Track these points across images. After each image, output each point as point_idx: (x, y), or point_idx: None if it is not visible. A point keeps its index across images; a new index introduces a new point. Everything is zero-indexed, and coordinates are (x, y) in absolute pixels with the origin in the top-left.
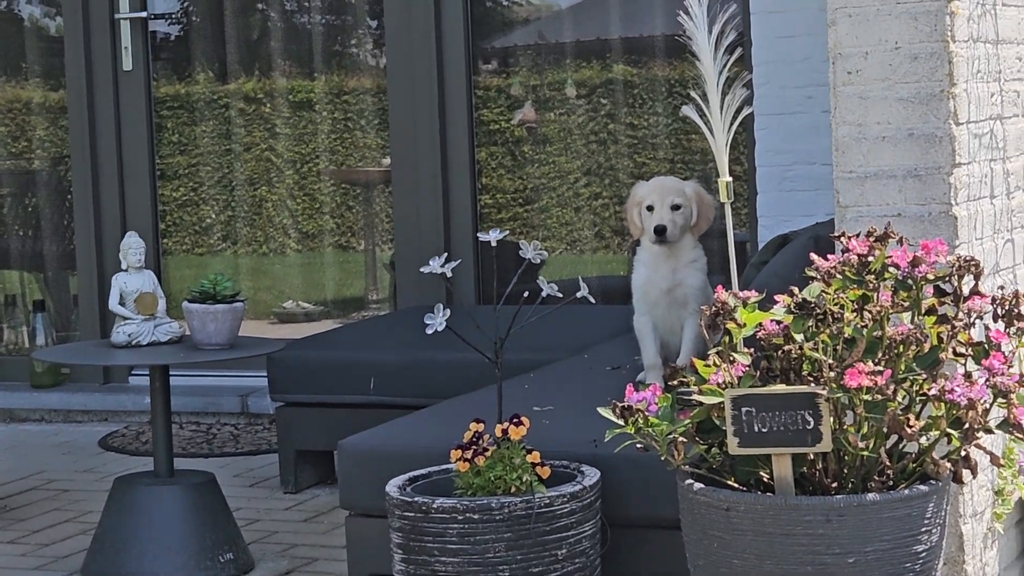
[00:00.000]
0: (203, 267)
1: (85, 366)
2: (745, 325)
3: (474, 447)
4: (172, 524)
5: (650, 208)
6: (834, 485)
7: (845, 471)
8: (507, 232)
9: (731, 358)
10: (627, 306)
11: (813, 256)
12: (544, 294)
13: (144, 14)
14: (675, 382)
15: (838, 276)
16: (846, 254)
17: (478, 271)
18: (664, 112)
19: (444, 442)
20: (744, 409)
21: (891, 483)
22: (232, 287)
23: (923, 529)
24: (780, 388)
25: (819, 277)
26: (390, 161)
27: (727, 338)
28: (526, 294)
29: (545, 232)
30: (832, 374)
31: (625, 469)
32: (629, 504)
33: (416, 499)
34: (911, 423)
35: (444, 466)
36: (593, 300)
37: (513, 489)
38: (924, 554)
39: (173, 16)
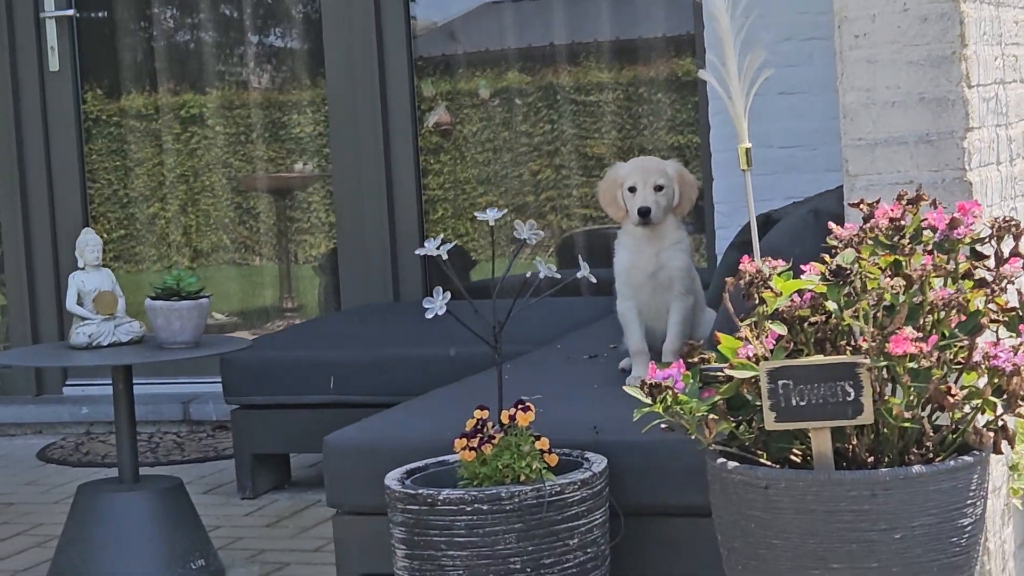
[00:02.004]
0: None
1: (45, 369)
2: (782, 294)
3: (480, 435)
4: (141, 531)
5: (632, 189)
6: (870, 459)
7: (882, 444)
8: (505, 211)
9: (765, 329)
10: (588, 298)
11: (832, 225)
12: (542, 275)
13: (71, 12)
14: (695, 359)
15: (868, 242)
16: (872, 220)
17: (425, 268)
18: (562, 119)
19: (435, 434)
20: (781, 382)
21: (930, 455)
22: (196, 283)
23: (968, 501)
24: (819, 359)
25: (841, 245)
26: (326, 165)
27: (762, 308)
28: (528, 275)
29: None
30: (874, 343)
31: (629, 456)
32: (635, 491)
33: (420, 491)
34: (952, 392)
35: (440, 458)
36: (595, 279)
37: (523, 478)
38: (970, 527)
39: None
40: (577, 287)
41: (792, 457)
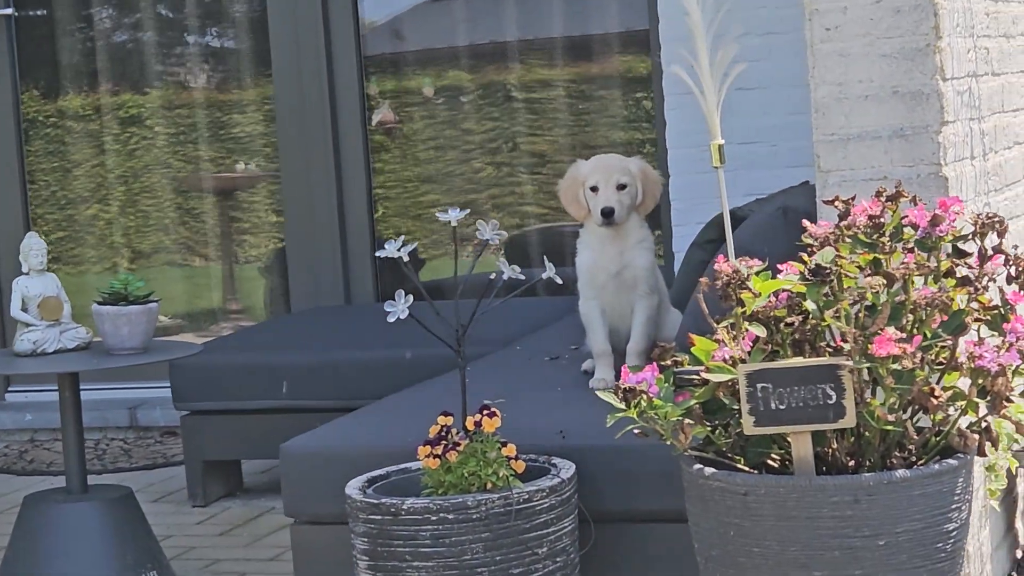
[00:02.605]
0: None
1: None
2: (760, 294)
3: (444, 442)
4: (91, 542)
5: (594, 188)
6: (851, 464)
7: (863, 448)
8: (467, 211)
9: (743, 331)
10: (545, 299)
11: (806, 223)
12: (505, 277)
13: (9, 11)
14: (668, 362)
15: (846, 240)
16: (850, 217)
17: (376, 270)
18: (512, 117)
19: (396, 441)
20: (760, 385)
21: (913, 459)
22: (145, 287)
23: (953, 506)
24: (799, 361)
25: (817, 244)
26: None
27: (738, 310)
28: (492, 276)
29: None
30: (856, 344)
31: (596, 461)
32: (603, 498)
33: (383, 500)
34: (936, 393)
35: (402, 465)
36: (560, 280)
37: (489, 485)
38: (955, 532)
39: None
40: (534, 287)
41: (770, 462)
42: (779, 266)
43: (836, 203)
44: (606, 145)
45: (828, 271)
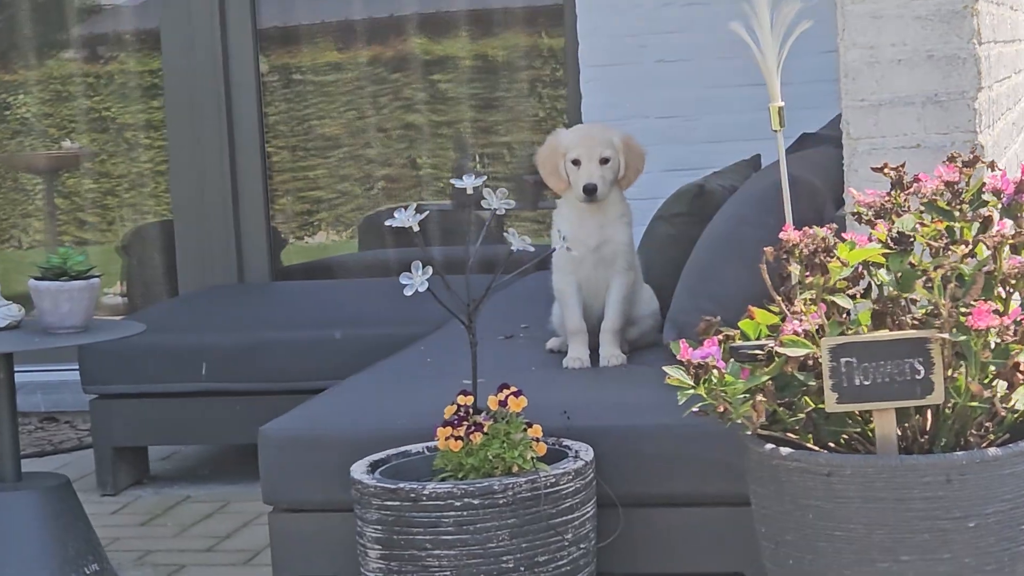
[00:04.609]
0: None
1: None
2: (848, 264)
3: (466, 423)
4: (29, 534)
5: (575, 162)
6: (922, 442)
7: (937, 426)
8: (485, 177)
9: (830, 303)
10: (472, 276)
11: (853, 191)
12: (515, 249)
13: None
14: (720, 335)
15: (904, 209)
16: (917, 184)
17: (271, 248)
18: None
19: (382, 423)
20: (844, 360)
21: (991, 437)
22: (85, 261)
23: None
24: (886, 334)
25: (870, 213)
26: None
27: (819, 279)
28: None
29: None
30: (948, 316)
31: (605, 443)
32: (615, 481)
33: (402, 485)
34: (1022, 368)
35: (401, 448)
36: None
37: (515, 468)
38: None
39: None
40: (461, 265)
41: (845, 438)
42: (845, 235)
43: (887, 170)
44: (515, 119)
45: (911, 239)
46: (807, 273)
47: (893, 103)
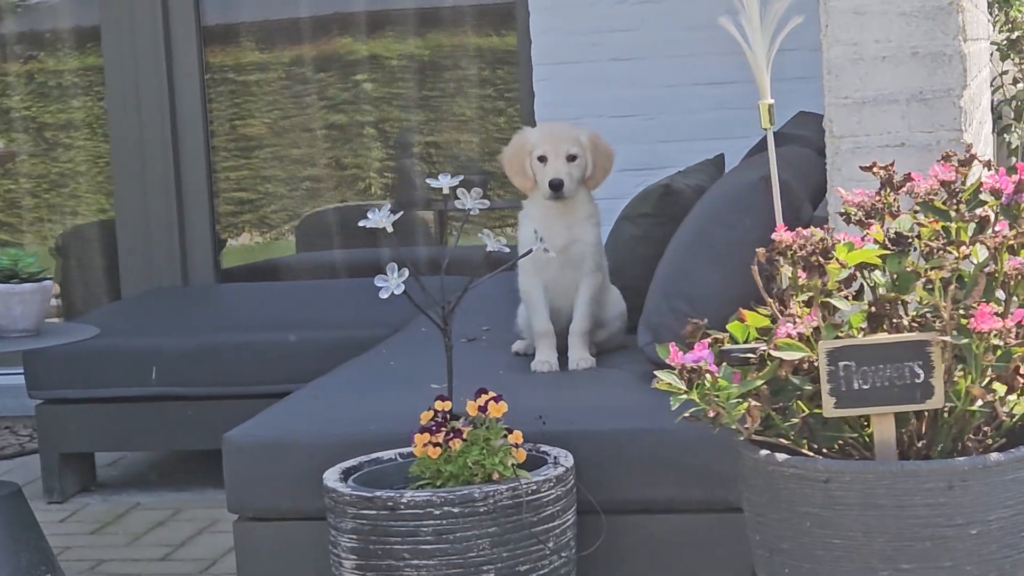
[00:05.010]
0: None
1: None
2: (847, 266)
3: (444, 429)
4: None
5: (542, 159)
6: (918, 447)
7: (934, 431)
8: (461, 177)
9: (827, 306)
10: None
11: (840, 191)
12: (490, 250)
13: None
14: (709, 339)
15: (911, 209)
16: (910, 183)
17: (215, 249)
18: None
19: (351, 429)
20: (842, 364)
21: (988, 442)
22: (36, 263)
23: None
24: (885, 337)
25: (860, 212)
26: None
27: (817, 282)
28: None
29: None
30: (950, 318)
31: (582, 448)
32: (597, 488)
33: (378, 494)
34: (1022, 372)
35: (373, 455)
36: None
37: (496, 476)
38: None
39: None
40: (417, 265)
41: (839, 444)
42: (840, 236)
43: (876, 169)
44: (462, 119)
45: (909, 240)
46: (802, 275)
47: (877, 101)
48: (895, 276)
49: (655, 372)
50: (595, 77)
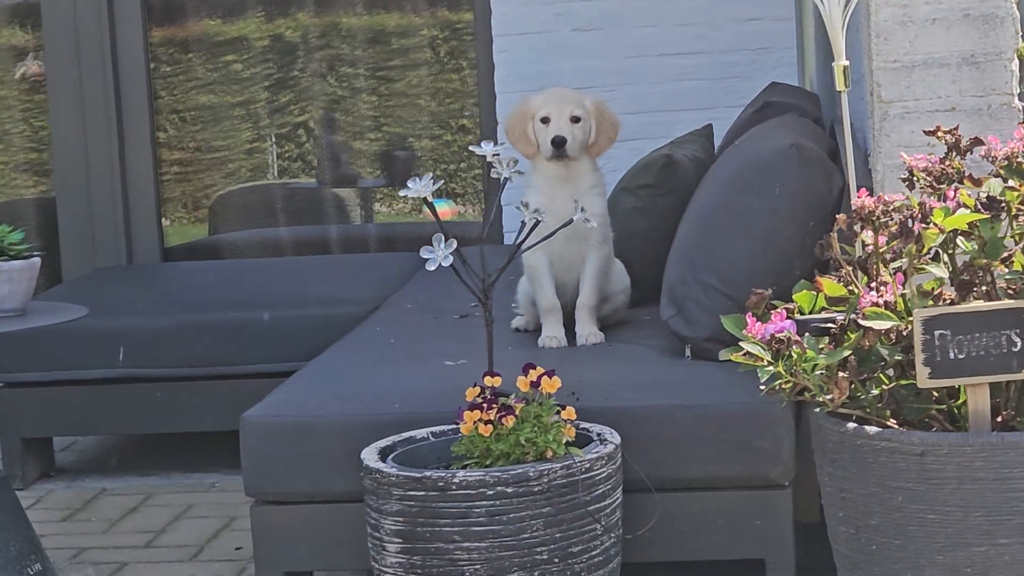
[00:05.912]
0: None
1: None
2: (945, 230)
3: (496, 406)
4: None
5: (545, 120)
6: (998, 420)
7: (1020, 401)
8: (503, 144)
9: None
10: (382, 255)
11: (903, 156)
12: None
13: None
14: (780, 309)
15: (998, 173)
16: (983, 147)
17: (160, 228)
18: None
19: (377, 408)
20: (937, 332)
21: None
22: (24, 239)
23: None
24: (981, 305)
25: (927, 177)
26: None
27: (912, 248)
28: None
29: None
30: None
31: (621, 426)
32: (638, 465)
33: (427, 474)
34: None
35: (405, 435)
36: (593, 224)
37: (549, 454)
38: None
39: None
40: (365, 242)
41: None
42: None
43: (940, 133)
44: (419, 93)
45: (1002, 203)
46: (896, 242)
47: (927, 64)
48: (984, 242)
49: (740, 343)
50: (558, 47)
